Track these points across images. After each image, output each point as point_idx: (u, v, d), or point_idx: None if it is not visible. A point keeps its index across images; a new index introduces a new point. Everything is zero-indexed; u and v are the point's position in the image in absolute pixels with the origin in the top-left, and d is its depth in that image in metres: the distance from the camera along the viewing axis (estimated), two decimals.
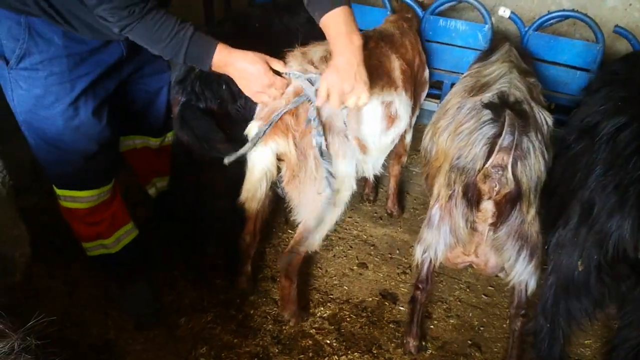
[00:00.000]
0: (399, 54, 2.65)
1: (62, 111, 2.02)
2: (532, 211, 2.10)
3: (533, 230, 2.12)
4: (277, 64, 2.08)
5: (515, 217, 2.07)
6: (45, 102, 1.99)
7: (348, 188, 2.26)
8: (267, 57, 2.05)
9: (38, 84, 1.95)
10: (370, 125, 2.35)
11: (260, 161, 2.17)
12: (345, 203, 2.30)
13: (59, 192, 2.28)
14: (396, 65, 2.56)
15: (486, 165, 1.97)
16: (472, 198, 2.07)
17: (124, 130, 2.58)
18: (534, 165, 2.08)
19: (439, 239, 2.21)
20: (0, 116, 2.35)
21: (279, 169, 2.27)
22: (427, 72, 3.10)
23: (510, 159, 1.92)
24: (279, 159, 2.22)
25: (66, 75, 1.98)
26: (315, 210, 2.23)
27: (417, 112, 3.09)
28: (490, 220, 2.10)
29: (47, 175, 2.27)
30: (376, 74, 2.35)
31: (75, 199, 2.27)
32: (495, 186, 1.98)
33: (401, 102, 2.52)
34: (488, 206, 2.07)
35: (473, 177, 2.03)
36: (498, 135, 1.95)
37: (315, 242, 2.37)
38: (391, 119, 2.48)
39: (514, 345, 2.35)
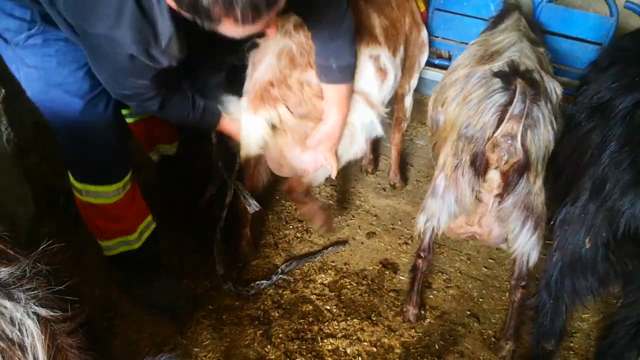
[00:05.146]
0: (380, 12, 2.60)
1: (75, 82, 1.88)
2: (539, 182, 2.08)
3: (539, 201, 2.10)
4: None
5: (522, 188, 2.06)
6: (56, 77, 1.86)
7: (357, 142, 2.46)
8: None
9: (48, 58, 1.82)
10: (368, 81, 2.42)
11: (254, 131, 2.23)
12: (354, 153, 2.52)
13: (79, 186, 2.13)
14: (376, 23, 2.54)
15: (495, 134, 1.94)
16: (479, 167, 2.04)
17: None
18: (543, 135, 2.05)
19: (443, 208, 2.20)
20: (6, 79, 2.28)
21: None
22: (424, 34, 2.99)
23: (520, 128, 1.89)
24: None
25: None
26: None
27: (415, 76, 3.00)
28: (496, 191, 2.08)
29: (68, 167, 2.14)
30: (357, 31, 2.37)
31: (99, 194, 2.13)
32: (504, 155, 1.96)
33: (386, 57, 2.53)
34: (495, 176, 2.05)
35: (481, 146, 2.01)
36: (509, 103, 1.92)
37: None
38: (383, 72, 2.49)
39: (513, 316, 2.37)
